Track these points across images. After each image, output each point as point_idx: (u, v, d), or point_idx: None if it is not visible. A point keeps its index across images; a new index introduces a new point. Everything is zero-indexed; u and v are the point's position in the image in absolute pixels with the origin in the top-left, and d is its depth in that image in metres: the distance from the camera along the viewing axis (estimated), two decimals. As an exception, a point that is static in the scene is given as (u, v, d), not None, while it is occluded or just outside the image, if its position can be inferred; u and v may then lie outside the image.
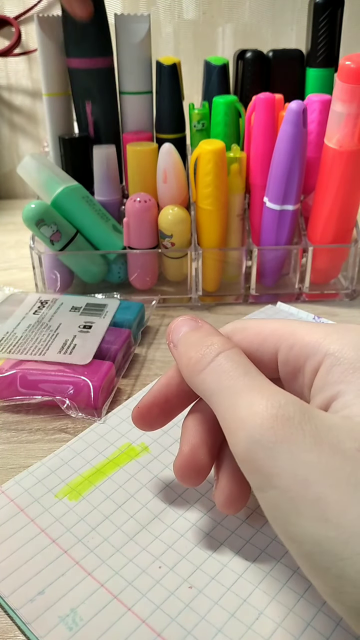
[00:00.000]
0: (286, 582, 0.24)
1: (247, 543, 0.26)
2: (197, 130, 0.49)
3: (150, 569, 0.25)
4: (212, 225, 0.46)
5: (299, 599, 0.23)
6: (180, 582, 0.24)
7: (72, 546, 0.26)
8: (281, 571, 0.24)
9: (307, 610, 0.23)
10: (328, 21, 0.47)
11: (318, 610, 0.23)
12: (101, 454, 0.31)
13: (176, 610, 0.23)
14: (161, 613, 0.23)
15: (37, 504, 0.28)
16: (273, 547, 0.25)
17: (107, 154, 0.47)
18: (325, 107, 0.44)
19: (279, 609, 0.23)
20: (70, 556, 0.25)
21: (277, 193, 0.44)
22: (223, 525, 0.27)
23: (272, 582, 0.24)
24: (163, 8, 0.68)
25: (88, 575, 0.24)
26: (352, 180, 0.42)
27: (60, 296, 0.44)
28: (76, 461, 0.30)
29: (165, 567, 0.25)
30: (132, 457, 0.30)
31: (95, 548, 0.25)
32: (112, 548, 0.26)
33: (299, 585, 0.24)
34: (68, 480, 0.29)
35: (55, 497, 0.28)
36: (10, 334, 0.39)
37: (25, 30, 0.69)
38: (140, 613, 0.23)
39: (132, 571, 0.25)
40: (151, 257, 0.48)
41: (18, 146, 0.76)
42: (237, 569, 0.25)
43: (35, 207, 0.44)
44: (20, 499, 0.28)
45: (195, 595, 0.24)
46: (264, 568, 0.25)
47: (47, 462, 0.30)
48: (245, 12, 0.68)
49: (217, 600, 0.23)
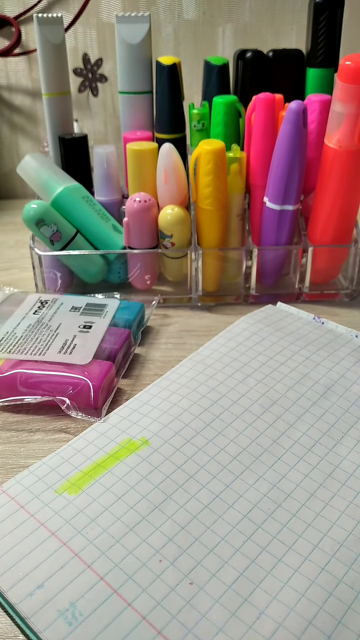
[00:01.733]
0: (287, 581, 0.24)
1: (249, 540, 0.26)
2: (197, 130, 0.49)
3: (150, 562, 0.25)
4: (212, 225, 0.46)
5: (300, 598, 0.23)
6: (181, 577, 0.24)
7: (71, 538, 0.25)
8: (282, 570, 0.24)
9: (308, 609, 0.23)
10: (328, 21, 0.47)
11: (319, 608, 0.23)
12: (101, 449, 0.31)
13: (177, 608, 0.23)
14: (162, 610, 0.23)
15: (37, 500, 0.28)
16: (274, 545, 0.25)
17: (107, 154, 0.47)
18: (325, 107, 0.44)
19: (280, 608, 0.23)
20: (70, 548, 0.25)
21: (277, 193, 0.44)
22: (224, 519, 0.27)
23: (273, 581, 0.24)
24: (163, 8, 0.68)
25: (87, 567, 0.24)
26: (352, 180, 0.42)
27: (60, 296, 0.44)
28: (76, 458, 0.30)
29: (166, 562, 0.25)
30: (132, 451, 0.30)
31: (95, 539, 0.25)
32: (112, 539, 0.25)
33: (300, 584, 0.24)
34: (68, 477, 0.29)
35: (55, 493, 0.28)
36: (10, 334, 0.39)
37: (25, 30, 0.69)
38: (141, 609, 0.23)
39: (132, 564, 0.24)
40: (151, 257, 0.48)
41: (18, 146, 0.76)
42: (238, 566, 0.25)
43: (35, 207, 0.44)
44: (21, 496, 0.28)
45: (196, 592, 0.23)
46: (265, 567, 0.25)
47: (47, 460, 0.30)
48: (245, 12, 0.68)
49: (218, 599, 0.23)
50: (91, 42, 0.69)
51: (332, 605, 0.23)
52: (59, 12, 0.67)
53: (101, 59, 0.70)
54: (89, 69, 0.71)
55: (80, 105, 0.73)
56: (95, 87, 0.72)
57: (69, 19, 0.67)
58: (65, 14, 0.67)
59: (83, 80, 0.71)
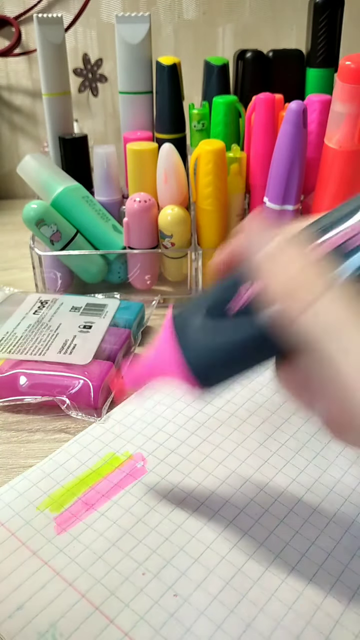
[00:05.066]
0: (274, 591, 0.24)
1: (235, 547, 0.25)
2: (197, 130, 0.49)
3: (133, 576, 0.24)
4: (212, 225, 0.46)
5: (292, 606, 0.23)
6: (164, 589, 0.23)
7: (53, 557, 0.25)
8: (270, 580, 0.24)
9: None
10: (328, 21, 0.47)
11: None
12: (84, 464, 0.30)
13: (160, 621, 0.22)
14: (145, 625, 0.22)
15: (17, 517, 0.27)
16: (261, 552, 0.25)
17: (107, 154, 0.47)
18: (325, 107, 0.44)
19: (268, 622, 0.23)
20: (51, 567, 0.24)
21: (277, 193, 0.44)
22: (209, 527, 0.26)
23: (260, 592, 0.23)
24: (163, 8, 0.68)
25: (69, 585, 0.24)
26: (352, 180, 0.42)
27: (60, 296, 0.44)
28: (58, 473, 0.30)
29: (150, 574, 0.24)
30: (115, 467, 0.30)
31: (77, 557, 0.25)
32: (94, 555, 0.25)
33: (288, 595, 0.24)
34: (50, 492, 0.28)
35: (37, 510, 0.27)
36: (10, 334, 0.39)
37: (25, 30, 0.69)
38: (123, 625, 0.22)
39: (115, 579, 0.24)
40: (151, 257, 0.48)
41: (18, 146, 0.76)
42: (224, 575, 0.24)
43: (35, 207, 0.44)
44: (1, 513, 0.27)
45: (180, 604, 0.23)
46: (251, 576, 0.24)
47: (28, 475, 0.30)
48: (245, 12, 0.68)
49: (203, 610, 0.22)
50: (91, 42, 0.69)
51: (320, 620, 0.22)
52: (59, 12, 0.67)
53: (101, 59, 0.70)
54: (89, 69, 0.71)
55: (80, 105, 0.73)
56: (95, 87, 0.72)
57: (69, 19, 0.67)
58: (65, 14, 0.67)
59: (83, 80, 0.71)
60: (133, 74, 0.48)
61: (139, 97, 0.49)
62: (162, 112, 0.49)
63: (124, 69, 0.48)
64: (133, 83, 0.49)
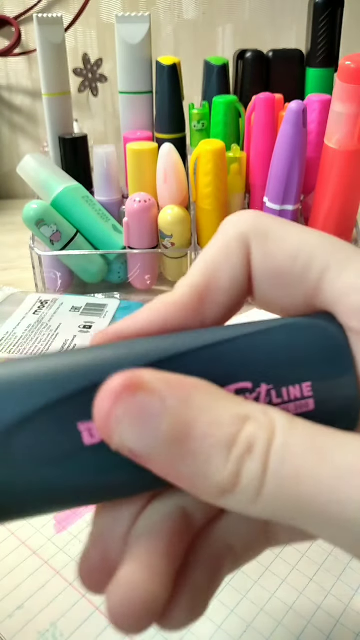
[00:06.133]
0: (275, 591, 0.24)
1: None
2: (197, 130, 0.49)
3: None
4: (212, 225, 0.46)
5: (293, 606, 0.23)
6: None
7: (53, 556, 0.25)
8: (270, 580, 0.24)
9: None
10: (328, 21, 0.47)
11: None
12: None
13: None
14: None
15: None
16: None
17: (107, 154, 0.47)
18: (325, 107, 0.44)
19: (268, 621, 0.23)
20: (51, 566, 0.24)
21: (277, 193, 0.44)
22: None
23: (260, 591, 0.23)
24: (163, 8, 0.68)
25: (69, 585, 0.24)
26: (351, 180, 0.42)
27: (60, 296, 0.44)
28: None
29: None
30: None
31: (77, 556, 0.25)
32: None
33: (289, 595, 0.24)
34: None
35: None
36: (10, 334, 0.39)
37: (25, 30, 0.69)
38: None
39: None
40: (151, 257, 0.48)
41: (18, 146, 0.76)
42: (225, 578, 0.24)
43: (35, 207, 0.44)
44: None
45: None
46: (251, 575, 0.24)
47: None
48: (245, 12, 0.68)
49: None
50: (91, 42, 0.69)
51: (320, 619, 0.22)
52: (59, 12, 0.67)
53: (101, 59, 0.70)
54: (89, 69, 0.71)
55: (80, 105, 0.73)
56: (95, 87, 0.72)
57: (69, 19, 0.67)
58: (65, 14, 0.67)
59: (83, 80, 0.71)
60: (133, 74, 0.48)
61: (139, 97, 0.49)
62: (162, 112, 0.49)
63: (124, 69, 0.48)
64: (133, 83, 0.49)
